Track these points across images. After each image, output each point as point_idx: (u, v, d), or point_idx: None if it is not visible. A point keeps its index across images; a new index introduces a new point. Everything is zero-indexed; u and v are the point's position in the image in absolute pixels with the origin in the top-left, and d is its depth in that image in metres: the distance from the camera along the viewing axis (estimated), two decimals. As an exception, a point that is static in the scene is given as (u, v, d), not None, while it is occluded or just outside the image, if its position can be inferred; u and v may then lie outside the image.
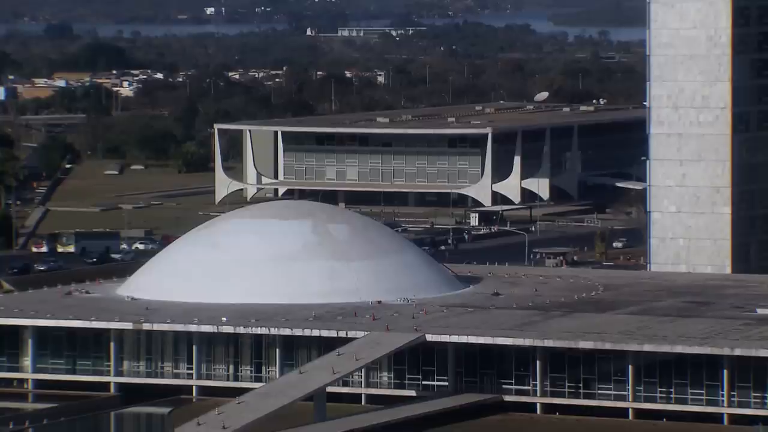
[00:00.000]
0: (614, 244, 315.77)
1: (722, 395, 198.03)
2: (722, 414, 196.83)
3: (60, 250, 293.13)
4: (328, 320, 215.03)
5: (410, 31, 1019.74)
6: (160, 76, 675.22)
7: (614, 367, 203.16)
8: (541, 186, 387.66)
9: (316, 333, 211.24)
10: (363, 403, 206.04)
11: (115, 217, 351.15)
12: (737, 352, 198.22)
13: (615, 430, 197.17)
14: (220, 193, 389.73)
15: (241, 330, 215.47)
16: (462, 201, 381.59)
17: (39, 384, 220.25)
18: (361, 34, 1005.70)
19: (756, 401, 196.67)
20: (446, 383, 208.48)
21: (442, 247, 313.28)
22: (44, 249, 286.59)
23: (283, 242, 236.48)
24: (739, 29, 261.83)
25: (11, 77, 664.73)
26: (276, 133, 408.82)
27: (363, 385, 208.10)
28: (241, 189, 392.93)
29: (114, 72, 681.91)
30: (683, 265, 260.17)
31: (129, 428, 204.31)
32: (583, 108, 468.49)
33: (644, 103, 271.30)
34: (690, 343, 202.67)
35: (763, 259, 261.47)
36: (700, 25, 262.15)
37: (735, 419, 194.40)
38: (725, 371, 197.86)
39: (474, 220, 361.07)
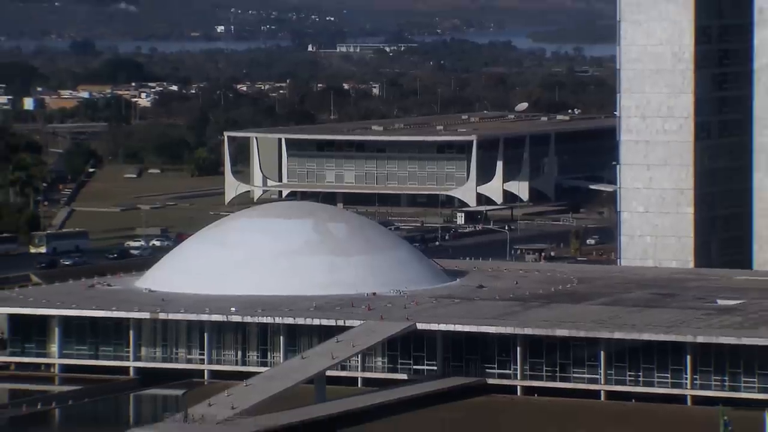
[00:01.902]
0: (588, 241, 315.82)
1: (686, 378, 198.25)
2: (686, 396, 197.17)
3: (33, 251, 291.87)
4: (327, 310, 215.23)
5: (402, 48, 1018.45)
6: (174, 88, 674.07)
7: (587, 352, 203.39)
8: (521, 188, 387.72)
9: (316, 322, 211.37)
10: (359, 385, 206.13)
11: (134, 217, 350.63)
12: (699, 339, 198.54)
13: (588, 410, 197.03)
14: (229, 194, 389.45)
15: (248, 319, 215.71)
16: (449, 202, 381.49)
17: (64, 368, 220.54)
18: (358, 50, 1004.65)
19: (716, 384, 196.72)
20: (435, 368, 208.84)
21: (437, 243, 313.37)
22: (44, 249, 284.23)
23: (287, 239, 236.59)
24: (701, 46, 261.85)
25: (39, 89, 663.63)
26: (280, 140, 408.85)
27: (359, 370, 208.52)
28: (249, 191, 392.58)
29: (133, 84, 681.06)
30: (650, 261, 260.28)
31: (146, 409, 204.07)
32: (559, 117, 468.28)
33: (615, 113, 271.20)
34: (656, 331, 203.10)
35: (723, 255, 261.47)
36: (666, 43, 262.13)
37: (697, 400, 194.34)
38: (688, 356, 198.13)
39: (460, 219, 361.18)
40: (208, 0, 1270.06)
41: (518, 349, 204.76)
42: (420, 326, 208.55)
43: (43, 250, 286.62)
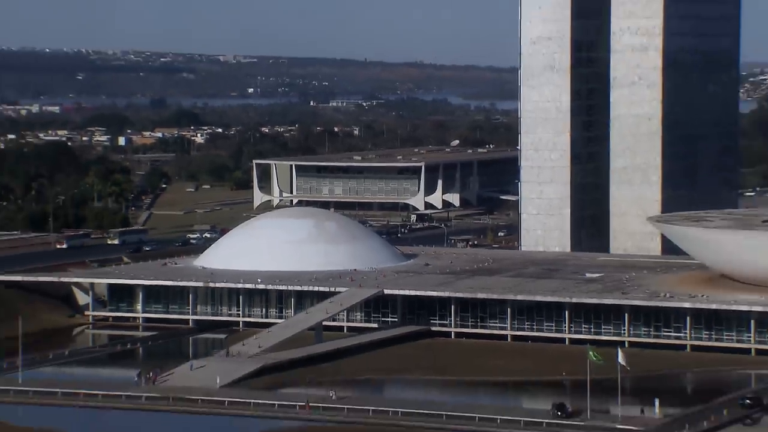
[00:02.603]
0: (499, 234, 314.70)
1: (565, 327, 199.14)
2: (565, 338, 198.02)
3: (109, 242, 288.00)
4: (323, 281, 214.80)
5: (374, 103, 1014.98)
6: (219, 130, 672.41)
7: (499, 309, 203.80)
8: (454, 198, 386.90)
9: (315, 288, 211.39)
10: (345, 332, 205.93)
11: (192, 217, 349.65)
12: (574, 299, 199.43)
13: (499, 348, 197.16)
14: (256, 202, 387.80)
15: (269, 287, 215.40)
16: (406, 207, 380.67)
17: (145, 320, 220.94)
18: (344, 104, 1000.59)
19: (585, 330, 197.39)
20: (396, 320, 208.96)
21: (398, 235, 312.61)
22: (65, 245, 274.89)
23: (295, 233, 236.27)
24: (574, 102, 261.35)
25: (129, 131, 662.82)
26: (291, 165, 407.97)
27: (345, 321, 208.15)
28: (270, 200, 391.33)
29: (191, 128, 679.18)
30: (541, 247, 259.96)
31: (201, 347, 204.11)
32: (479, 150, 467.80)
33: (517, 147, 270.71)
34: (545, 294, 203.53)
35: (589, 243, 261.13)
36: (551, 100, 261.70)
37: (573, 341, 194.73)
38: (566, 312, 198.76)
39: (413, 219, 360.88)
40: (242, 70, 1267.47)
41: (452, 306, 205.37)
42: (386, 291, 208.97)
43: (116, 242, 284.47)
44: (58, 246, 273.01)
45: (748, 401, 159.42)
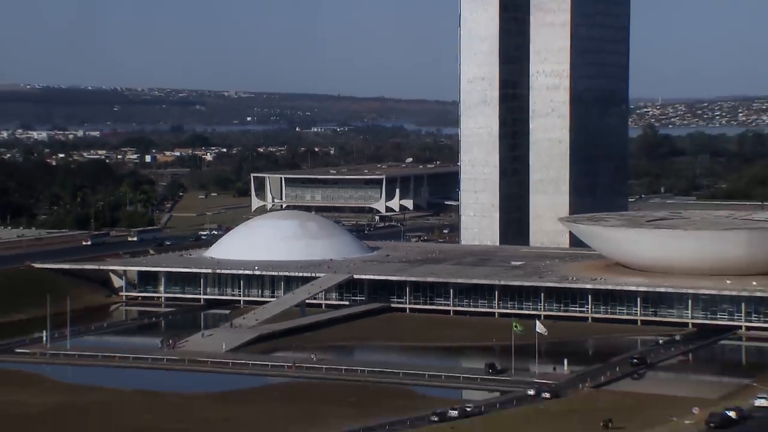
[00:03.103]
0: (444, 231, 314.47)
1: (495, 303, 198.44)
2: (495, 312, 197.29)
3: (129, 239, 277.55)
4: (306, 268, 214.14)
5: (346, 129, 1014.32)
6: (224, 150, 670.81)
7: (444, 290, 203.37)
8: (408, 203, 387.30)
9: (300, 274, 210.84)
10: (323, 308, 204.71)
11: (203, 219, 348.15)
12: (502, 282, 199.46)
13: (444, 321, 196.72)
14: (254, 207, 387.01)
15: (264, 273, 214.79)
16: (371, 211, 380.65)
17: (166, 299, 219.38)
18: (323, 130, 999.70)
19: (511, 306, 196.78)
20: (363, 298, 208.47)
21: (365, 232, 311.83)
22: (89, 242, 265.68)
23: (284, 230, 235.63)
24: (502, 129, 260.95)
25: (153, 151, 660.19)
26: (281, 178, 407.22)
27: (323, 299, 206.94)
28: (264, 205, 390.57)
29: (203, 148, 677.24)
30: (477, 241, 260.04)
31: (210, 320, 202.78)
32: (429, 166, 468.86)
33: (458, 163, 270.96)
34: (479, 277, 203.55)
35: (514, 238, 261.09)
36: (484, 126, 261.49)
37: (501, 315, 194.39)
38: (496, 291, 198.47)
39: (377, 219, 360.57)
40: (242, 103, 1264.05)
41: (407, 288, 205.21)
42: (355, 276, 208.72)
43: (135, 239, 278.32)
44: (84, 243, 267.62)
45: (635, 360, 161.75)
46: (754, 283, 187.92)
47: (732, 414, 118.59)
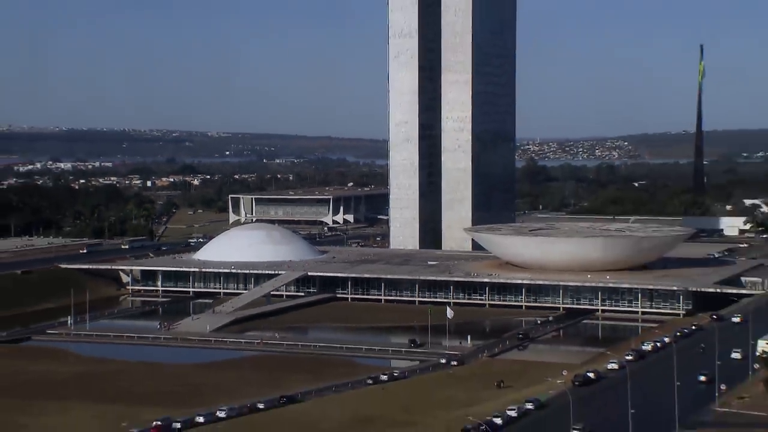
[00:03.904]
0: (377, 239, 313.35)
1: (416, 294, 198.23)
2: (416, 300, 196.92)
3: (122, 246, 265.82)
4: (271, 267, 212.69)
5: (302, 160, 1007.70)
6: (209, 176, 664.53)
7: (377, 283, 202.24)
8: (350, 217, 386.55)
9: (266, 272, 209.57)
10: (284, 298, 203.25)
11: (192, 229, 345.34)
12: (421, 277, 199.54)
13: (377, 307, 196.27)
14: (231, 220, 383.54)
15: (239, 271, 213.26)
16: (321, 223, 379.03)
17: (163, 292, 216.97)
18: (284, 161, 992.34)
19: (428, 296, 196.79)
20: (315, 290, 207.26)
21: (317, 239, 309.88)
22: (85, 251, 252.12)
23: (254, 238, 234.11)
24: (421, 161, 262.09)
25: (153, 177, 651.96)
26: (252, 198, 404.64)
27: (284, 291, 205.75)
28: (239, 219, 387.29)
29: (191, 176, 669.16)
30: (402, 247, 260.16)
31: (197, 308, 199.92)
32: (366, 189, 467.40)
33: (388, 187, 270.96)
34: (404, 274, 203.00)
35: (431, 244, 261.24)
36: (407, 158, 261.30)
37: (420, 302, 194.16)
38: (417, 284, 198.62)
39: (325, 230, 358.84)
40: (222, 141, 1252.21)
41: (349, 282, 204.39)
42: (309, 273, 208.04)
43: (126, 246, 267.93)
44: (81, 251, 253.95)
45: (521, 336, 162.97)
46: (608, 277, 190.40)
47: (591, 375, 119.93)
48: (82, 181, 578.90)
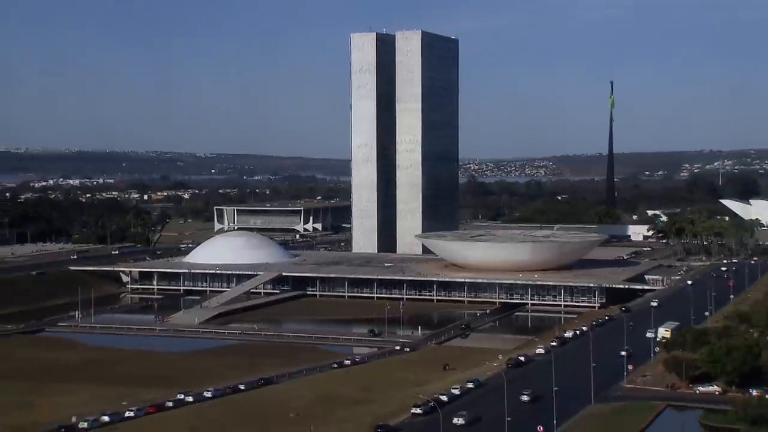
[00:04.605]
0: (341, 244, 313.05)
1: (375, 290, 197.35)
2: (374, 296, 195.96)
3: (112, 252, 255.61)
4: (250, 268, 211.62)
5: (277, 177, 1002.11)
6: (197, 191, 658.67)
7: (341, 282, 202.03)
8: (318, 225, 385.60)
9: (246, 272, 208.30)
10: (262, 295, 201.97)
11: (183, 237, 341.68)
12: (379, 276, 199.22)
13: (342, 303, 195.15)
14: (216, 228, 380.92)
15: (224, 272, 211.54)
16: (293, 231, 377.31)
17: (159, 290, 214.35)
18: (262, 178, 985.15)
19: (385, 292, 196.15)
20: (289, 288, 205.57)
21: (290, 244, 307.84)
22: (75, 257, 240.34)
23: (237, 244, 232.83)
24: (378, 177, 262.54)
25: (149, 191, 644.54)
26: (234, 209, 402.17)
27: (262, 289, 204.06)
28: (223, 227, 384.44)
29: (182, 190, 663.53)
30: (362, 250, 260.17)
31: (187, 303, 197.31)
32: (332, 201, 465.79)
33: (351, 200, 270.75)
34: (364, 273, 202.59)
35: (387, 248, 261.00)
36: (368, 176, 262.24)
37: (379, 298, 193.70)
38: (376, 283, 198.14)
39: (297, 237, 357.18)
40: (208, 161, 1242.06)
41: (318, 281, 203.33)
42: (284, 273, 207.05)
43: (116, 252, 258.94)
44: (71, 257, 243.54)
45: (463, 326, 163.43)
46: (536, 275, 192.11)
47: (522, 358, 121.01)
48: (88, 195, 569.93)
